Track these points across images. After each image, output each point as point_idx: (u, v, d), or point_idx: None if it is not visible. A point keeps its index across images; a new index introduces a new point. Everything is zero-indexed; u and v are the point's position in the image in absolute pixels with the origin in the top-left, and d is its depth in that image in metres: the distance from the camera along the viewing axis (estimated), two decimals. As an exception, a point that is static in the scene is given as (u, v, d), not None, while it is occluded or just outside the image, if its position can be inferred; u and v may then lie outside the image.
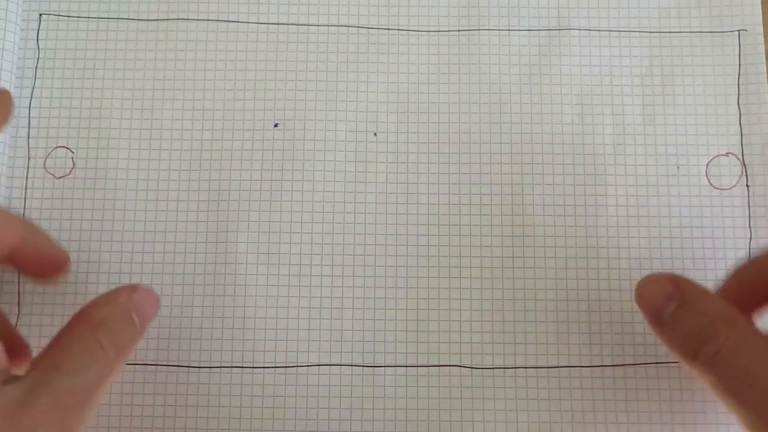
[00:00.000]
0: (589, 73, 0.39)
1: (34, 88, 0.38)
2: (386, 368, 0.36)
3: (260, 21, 0.40)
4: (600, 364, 0.37)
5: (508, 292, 0.37)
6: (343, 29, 0.40)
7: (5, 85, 0.37)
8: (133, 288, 0.31)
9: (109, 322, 0.28)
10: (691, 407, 0.36)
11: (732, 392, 0.27)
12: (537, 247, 0.38)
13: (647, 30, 0.40)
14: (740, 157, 0.39)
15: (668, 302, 0.30)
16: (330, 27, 0.40)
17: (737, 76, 0.39)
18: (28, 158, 0.38)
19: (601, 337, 0.37)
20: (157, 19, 0.39)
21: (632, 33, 0.40)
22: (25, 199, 0.37)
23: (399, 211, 0.38)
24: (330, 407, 0.36)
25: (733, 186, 0.38)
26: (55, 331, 0.35)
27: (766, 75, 0.39)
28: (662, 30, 0.40)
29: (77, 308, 0.36)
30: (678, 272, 0.34)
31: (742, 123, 0.39)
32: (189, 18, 0.39)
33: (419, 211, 0.38)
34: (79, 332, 0.28)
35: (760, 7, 0.40)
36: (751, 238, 0.38)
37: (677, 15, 0.40)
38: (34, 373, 0.26)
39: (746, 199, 0.38)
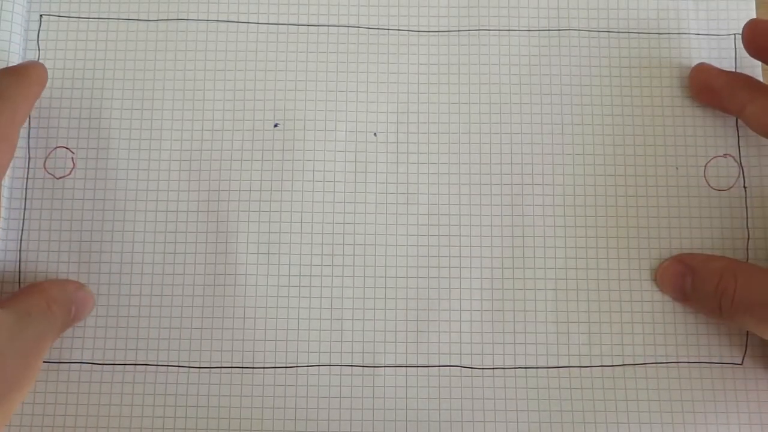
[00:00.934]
0: (589, 73, 0.39)
1: (33, 87, 0.38)
2: (386, 368, 0.36)
3: (260, 21, 0.40)
4: (600, 364, 0.37)
5: (508, 292, 0.37)
6: (343, 29, 0.40)
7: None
8: (79, 285, 0.36)
9: (58, 301, 0.34)
10: (691, 407, 0.36)
11: (757, 323, 0.33)
12: (537, 247, 0.38)
13: (646, 31, 0.40)
14: (738, 159, 0.39)
15: (684, 279, 0.36)
16: (330, 27, 0.40)
17: (734, 78, 0.40)
18: (28, 158, 0.38)
19: (601, 337, 0.37)
20: (157, 20, 0.39)
21: (632, 33, 0.40)
22: (25, 199, 0.37)
23: (399, 211, 0.38)
24: (330, 407, 0.36)
25: (731, 187, 0.38)
26: (55, 330, 0.35)
27: (762, 78, 0.39)
28: (661, 31, 0.40)
29: (77, 308, 0.36)
30: (677, 272, 0.37)
31: (739, 125, 0.39)
32: (189, 18, 0.39)
33: (419, 211, 0.38)
34: (39, 298, 0.33)
35: (755, 11, 0.40)
36: (748, 238, 0.38)
37: (675, 17, 0.40)
38: (16, 311, 0.32)
39: (744, 200, 0.38)
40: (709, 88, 0.38)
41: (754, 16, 0.40)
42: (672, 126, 0.39)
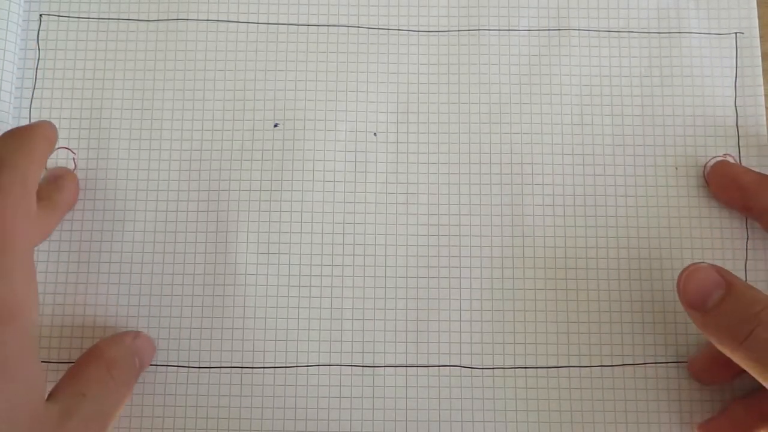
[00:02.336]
0: (588, 73, 0.39)
1: (34, 88, 0.38)
2: (386, 368, 0.36)
3: (260, 21, 0.40)
4: (600, 364, 0.37)
5: (508, 292, 0.37)
6: (343, 29, 0.40)
7: (5, 85, 0.37)
8: (135, 334, 0.35)
9: (119, 361, 0.33)
10: (690, 407, 0.36)
11: None
12: (537, 247, 0.38)
13: (646, 30, 0.40)
14: (737, 158, 0.39)
15: (716, 289, 0.31)
16: (330, 27, 0.40)
17: (734, 78, 0.39)
18: (28, 158, 0.38)
19: (601, 337, 0.37)
20: (157, 20, 0.39)
21: (632, 33, 0.40)
22: (24, 198, 0.37)
23: (399, 211, 0.38)
24: (330, 407, 0.36)
25: (732, 186, 0.38)
26: (55, 331, 0.35)
27: (762, 77, 0.39)
28: (661, 31, 0.40)
29: (77, 308, 0.36)
30: (676, 272, 0.34)
31: (739, 124, 0.39)
32: (189, 18, 0.39)
33: (419, 211, 0.38)
34: (96, 367, 0.32)
35: (756, 10, 0.40)
36: (748, 238, 0.38)
37: (676, 16, 0.40)
38: (66, 397, 0.30)
39: (744, 199, 0.38)
40: (736, 185, 0.37)
41: (755, 15, 0.40)
42: (672, 126, 0.39)
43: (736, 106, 0.39)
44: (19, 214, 0.29)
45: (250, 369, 0.36)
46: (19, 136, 0.32)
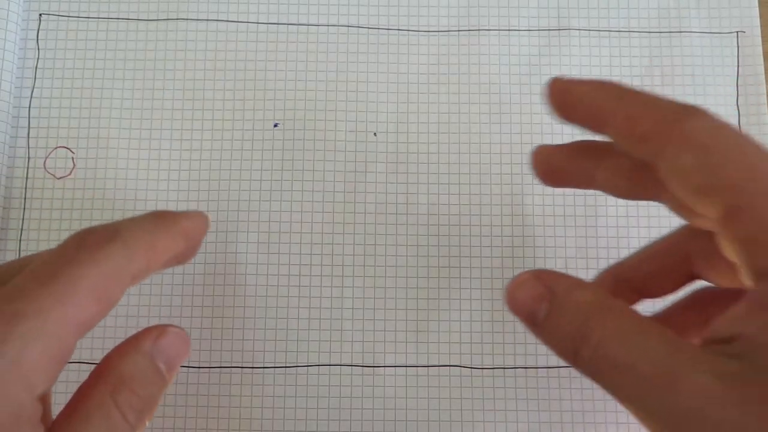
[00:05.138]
0: (589, 73, 0.39)
1: (34, 88, 0.38)
2: (386, 368, 0.36)
3: (260, 21, 0.40)
4: (600, 364, 0.37)
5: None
6: (343, 29, 0.40)
7: (5, 85, 0.37)
8: (160, 330, 0.26)
9: (131, 380, 0.25)
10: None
11: (615, 388, 0.24)
12: (537, 247, 0.38)
13: (647, 30, 0.40)
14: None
15: (540, 303, 0.26)
16: (330, 27, 0.40)
17: (736, 77, 0.39)
18: (28, 158, 0.38)
19: (601, 337, 0.37)
20: (157, 19, 0.39)
21: (632, 33, 0.40)
22: (25, 199, 0.37)
23: (399, 211, 0.38)
24: (330, 407, 0.36)
25: (733, 186, 0.38)
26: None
27: (764, 76, 0.39)
28: (662, 30, 0.40)
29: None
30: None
31: (741, 124, 0.39)
32: (189, 18, 0.39)
33: (419, 211, 0.38)
34: (99, 395, 0.24)
35: (757, 9, 0.40)
36: (750, 238, 0.38)
37: (677, 15, 0.40)
38: None
39: (746, 199, 0.38)
40: (554, 171, 0.30)
41: (756, 14, 0.40)
42: (673, 125, 0.39)
43: (737, 105, 0.39)
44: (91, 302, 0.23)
45: (250, 369, 0.36)
46: (160, 217, 0.27)
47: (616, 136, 0.25)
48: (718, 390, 0.21)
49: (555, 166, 0.30)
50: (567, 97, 0.27)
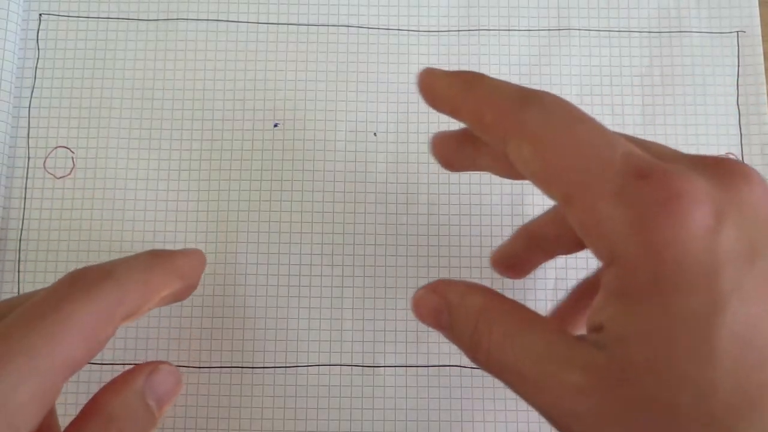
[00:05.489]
0: (589, 73, 0.39)
1: (34, 88, 0.38)
2: (386, 368, 0.36)
3: (260, 21, 0.40)
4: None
5: (508, 292, 0.37)
6: (343, 29, 0.40)
7: (5, 85, 0.37)
8: (152, 367, 0.27)
9: (121, 418, 0.25)
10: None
11: (511, 388, 0.24)
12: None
13: (647, 30, 0.40)
14: (740, 157, 0.39)
15: (440, 316, 0.27)
16: (330, 27, 0.40)
17: (736, 77, 0.39)
18: (28, 158, 0.38)
19: (601, 337, 0.37)
20: (157, 19, 0.39)
21: (632, 33, 0.40)
22: (25, 199, 0.37)
23: (399, 211, 0.38)
24: (330, 407, 0.36)
25: (733, 186, 0.38)
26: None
27: (764, 75, 0.39)
28: (662, 30, 0.40)
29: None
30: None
31: (741, 123, 0.39)
32: (189, 18, 0.39)
33: (419, 211, 0.38)
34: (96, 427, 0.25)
35: (757, 8, 0.40)
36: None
37: (677, 15, 0.40)
38: None
39: (746, 199, 0.38)
40: (447, 157, 0.31)
41: (757, 13, 0.40)
42: (673, 125, 0.39)
43: (738, 105, 0.39)
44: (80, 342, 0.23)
45: (250, 369, 0.36)
46: (156, 255, 0.27)
47: (469, 126, 0.26)
48: (583, 383, 0.21)
49: (447, 153, 0.31)
50: (430, 87, 0.27)
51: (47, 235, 0.37)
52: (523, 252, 0.33)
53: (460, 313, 0.26)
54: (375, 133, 0.39)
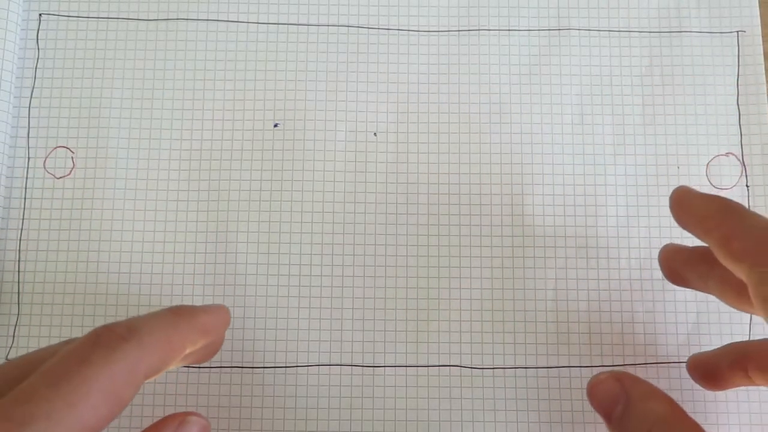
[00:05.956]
0: (589, 73, 0.39)
1: (34, 88, 0.38)
2: (386, 368, 0.36)
3: (260, 21, 0.40)
4: (600, 364, 0.37)
5: (508, 292, 0.37)
6: (343, 29, 0.40)
7: (5, 85, 0.37)
8: (181, 419, 0.27)
9: None
10: (692, 407, 0.36)
11: None
12: (537, 247, 0.38)
13: (647, 30, 0.40)
14: (740, 157, 0.39)
15: (616, 404, 0.29)
16: (330, 27, 0.40)
17: (736, 77, 0.39)
18: (28, 158, 0.38)
19: (601, 337, 0.37)
20: (157, 19, 0.39)
21: (632, 33, 0.40)
22: (25, 199, 0.37)
23: (399, 211, 0.38)
24: (330, 407, 0.36)
25: (734, 186, 0.38)
26: (55, 331, 0.35)
27: (764, 75, 0.39)
28: (662, 30, 0.40)
29: (76, 308, 0.36)
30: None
31: (741, 123, 0.39)
32: (189, 18, 0.39)
33: (419, 211, 0.38)
34: None
35: (758, 8, 0.40)
36: (750, 238, 0.38)
37: (677, 15, 0.40)
38: None
39: (746, 198, 0.38)
40: (673, 272, 0.33)
41: (757, 13, 0.40)
42: (673, 125, 0.39)
43: (738, 104, 0.39)
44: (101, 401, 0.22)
45: (250, 369, 0.36)
46: (176, 313, 0.27)
47: (713, 249, 0.27)
48: None
49: (675, 267, 0.33)
50: (684, 205, 0.29)
51: (47, 235, 0.37)
52: (728, 370, 0.33)
53: (637, 412, 0.28)
54: (375, 133, 0.39)
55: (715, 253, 0.27)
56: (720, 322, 0.37)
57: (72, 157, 0.38)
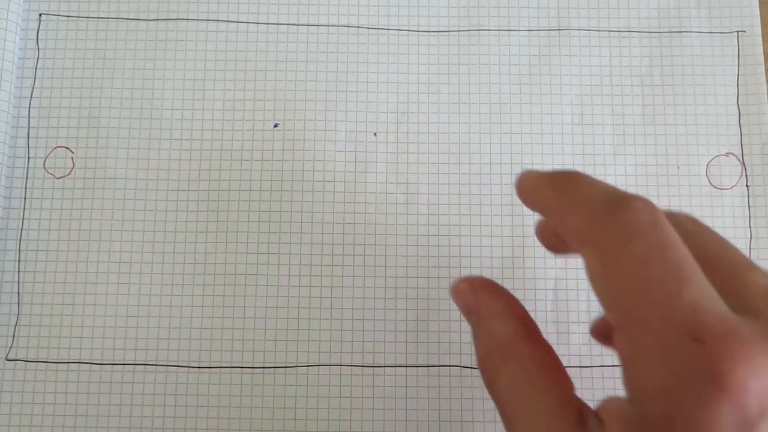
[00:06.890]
0: (589, 73, 0.39)
1: (33, 88, 0.38)
2: (386, 368, 0.36)
3: (260, 21, 0.40)
4: (600, 364, 0.37)
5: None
6: (343, 29, 0.40)
7: (5, 85, 0.37)
8: None
9: None
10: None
11: (507, 420, 0.24)
12: (537, 247, 0.38)
13: (647, 30, 0.40)
14: (740, 157, 0.39)
15: (469, 316, 0.27)
16: (330, 27, 0.40)
17: (736, 77, 0.39)
18: (28, 158, 0.38)
19: (601, 337, 0.37)
20: (157, 19, 0.39)
21: (632, 33, 0.40)
22: (25, 199, 0.37)
23: (399, 211, 0.38)
24: (330, 407, 0.36)
25: (734, 186, 0.38)
26: (55, 331, 0.35)
27: (764, 75, 0.39)
28: (662, 30, 0.40)
29: (76, 308, 0.36)
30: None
31: (741, 123, 0.39)
32: (189, 18, 0.39)
33: (419, 211, 0.38)
34: None
35: (758, 8, 0.40)
36: (751, 237, 0.38)
37: (677, 15, 0.40)
38: None
39: (746, 198, 0.38)
40: (549, 242, 0.29)
41: (757, 13, 0.40)
42: (673, 125, 0.39)
43: (738, 104, 0.39)
44: None
45: (250, 369, 0.36)
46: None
47: (557, 227, 0.25)
48: None
49: (550, 240, 0.29)
50: (525, 190, 0.27)
51: (47, 235, 0.37)
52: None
53: (483, 331, 0.26)
54: (375, 133, 0.39)
55: (560, 233, 0.25)
56: None
57: (72, 157, 0.38)
